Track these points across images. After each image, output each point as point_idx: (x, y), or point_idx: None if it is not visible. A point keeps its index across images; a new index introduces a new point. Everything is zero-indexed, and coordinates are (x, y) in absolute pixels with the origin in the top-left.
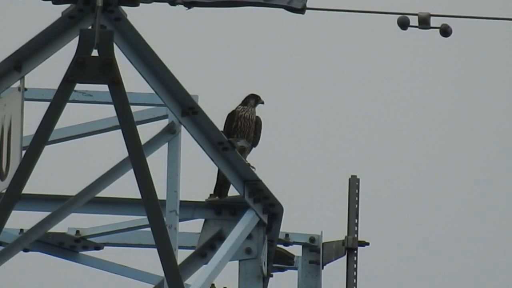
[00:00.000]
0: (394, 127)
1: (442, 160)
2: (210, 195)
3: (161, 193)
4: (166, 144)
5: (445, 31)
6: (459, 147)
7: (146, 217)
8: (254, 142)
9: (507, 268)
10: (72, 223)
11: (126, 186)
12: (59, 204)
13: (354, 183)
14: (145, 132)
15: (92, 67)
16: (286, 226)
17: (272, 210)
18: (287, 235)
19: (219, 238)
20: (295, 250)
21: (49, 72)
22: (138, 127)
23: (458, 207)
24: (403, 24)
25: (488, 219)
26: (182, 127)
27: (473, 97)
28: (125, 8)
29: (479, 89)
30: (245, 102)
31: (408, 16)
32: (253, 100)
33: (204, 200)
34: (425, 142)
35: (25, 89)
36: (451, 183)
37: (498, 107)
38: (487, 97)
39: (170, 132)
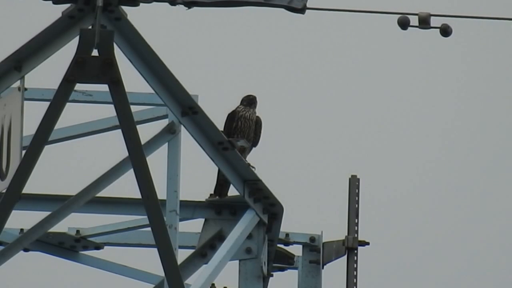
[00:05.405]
0: (394, 127)
1: (442, 160)
2: (210, 195)
3: (161, 193)
4: (166, 144)
5: (445, 31)
6: (459, 146)
7: (146, 217)
8: (254, 142)
9: (508, 268)
10: (72, 223)
11: (126, 186)
12: (59, 204)
13: (354, 183)
14: (145, 132)
15: (92, 67)
16: (286, 226)
17: (272, 210)
18: (287, 235)
19: (219, 238)
20: (295, 250)
21: (49, 72)
22: (138, 127)
23: (459, 207)
24: (403, 24)
25: (489, 219)
26: (182, 127)
27: (473, 97)
28: (125, 8)
29: (479, 89)
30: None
31: (408, 16)
32: (246, 101)
33: (204, 200)
34: (425, 142)
35: (25, 89)
36: (451, 183)
37: (498, 107)
38: (487, 97)
39: (170, 132)
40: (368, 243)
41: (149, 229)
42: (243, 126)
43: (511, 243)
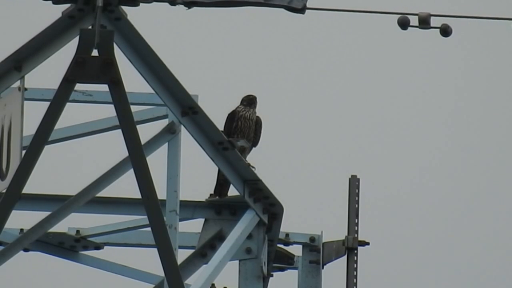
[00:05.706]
0: (394, 127)
1: (442, 159)
2: (210, 194)
3: (161, 193)
4: (166, 144)
5: (445, 31)
6: (459, 146)
7: (146, 217)
8: (254, 142)
9: (508, 268)
10: (72, 223)
11: (126, 186)
12: (59, 204)
13: (354, 183)
14: (145, 132)
15: (92, 67)
16: (286, 226)
17: (272, 210)
18: (287, 235)
19: (219, 238)
20: (295, 250)
21: (49, 72)
22: (138, 127)
23: (458, 207)
24: (403, 24)
25: (488, 219)
26: (182, 127)
27: (473, 97)
28: (125, 8)
29: (479, 89)
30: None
31: (408, 16)
32: (246, 101)
33: (204, 200)
34: (425, 142)
35: (25, 89)
36: (451, 183)
37: (498, 107)
38: (487, 97)
39: (170, 132)
40: (368, 243)
41: (149, 229)
42: (243, 126)
43: (511, 243)
